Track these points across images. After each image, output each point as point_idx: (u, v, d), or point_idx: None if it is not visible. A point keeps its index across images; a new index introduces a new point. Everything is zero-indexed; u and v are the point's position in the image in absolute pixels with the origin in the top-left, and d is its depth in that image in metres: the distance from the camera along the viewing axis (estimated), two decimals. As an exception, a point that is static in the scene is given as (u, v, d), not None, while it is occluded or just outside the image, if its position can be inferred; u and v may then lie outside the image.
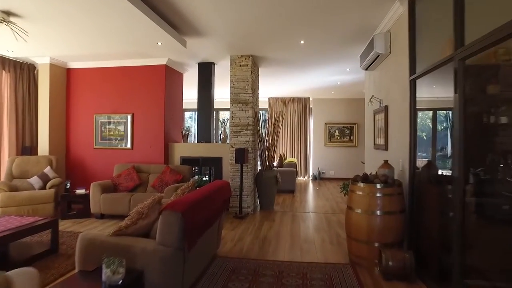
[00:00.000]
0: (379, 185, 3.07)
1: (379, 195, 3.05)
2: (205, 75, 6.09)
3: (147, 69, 5.85)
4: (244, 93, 5.59)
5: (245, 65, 5.56)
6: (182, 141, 6.16)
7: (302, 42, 4.82)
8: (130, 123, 5.90)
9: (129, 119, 5.90)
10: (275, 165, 7.79)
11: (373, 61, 4.28)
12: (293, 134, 10.32)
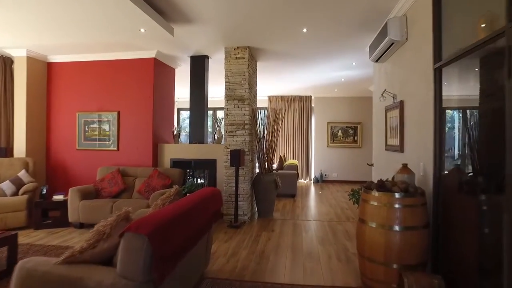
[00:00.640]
0: (398, 194, 2.55)
1: (398, 206, 2.53)
2: (198, 69, 5.57)
3: (134, 63, 5.34)
4: (240, 89, 5.06)
5: (242, 58, 5.03)
6: (173, 142, 5.64)
7: (304, 30, 4.29)
8: (116, 122, 5.39)
9: (115, 117, 5.39)
10: (275, 167, 7.28)
11: (386, 51, 3.76)
12: (294, 134, 9.80)
